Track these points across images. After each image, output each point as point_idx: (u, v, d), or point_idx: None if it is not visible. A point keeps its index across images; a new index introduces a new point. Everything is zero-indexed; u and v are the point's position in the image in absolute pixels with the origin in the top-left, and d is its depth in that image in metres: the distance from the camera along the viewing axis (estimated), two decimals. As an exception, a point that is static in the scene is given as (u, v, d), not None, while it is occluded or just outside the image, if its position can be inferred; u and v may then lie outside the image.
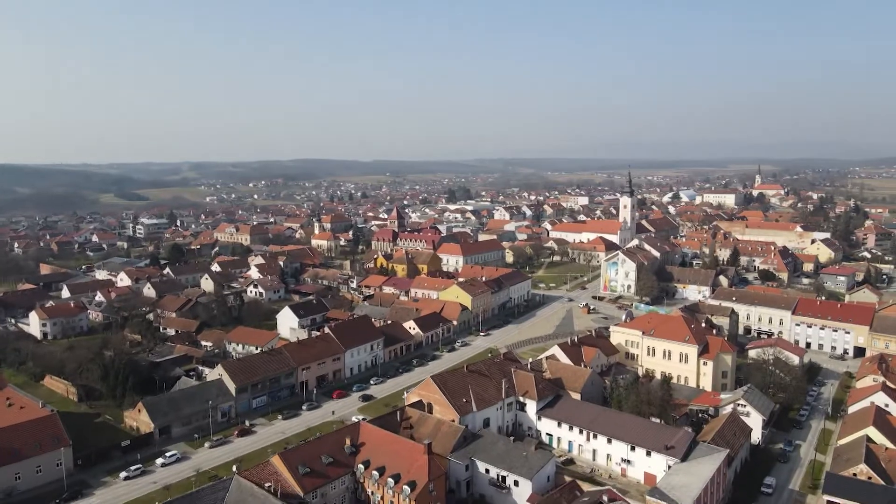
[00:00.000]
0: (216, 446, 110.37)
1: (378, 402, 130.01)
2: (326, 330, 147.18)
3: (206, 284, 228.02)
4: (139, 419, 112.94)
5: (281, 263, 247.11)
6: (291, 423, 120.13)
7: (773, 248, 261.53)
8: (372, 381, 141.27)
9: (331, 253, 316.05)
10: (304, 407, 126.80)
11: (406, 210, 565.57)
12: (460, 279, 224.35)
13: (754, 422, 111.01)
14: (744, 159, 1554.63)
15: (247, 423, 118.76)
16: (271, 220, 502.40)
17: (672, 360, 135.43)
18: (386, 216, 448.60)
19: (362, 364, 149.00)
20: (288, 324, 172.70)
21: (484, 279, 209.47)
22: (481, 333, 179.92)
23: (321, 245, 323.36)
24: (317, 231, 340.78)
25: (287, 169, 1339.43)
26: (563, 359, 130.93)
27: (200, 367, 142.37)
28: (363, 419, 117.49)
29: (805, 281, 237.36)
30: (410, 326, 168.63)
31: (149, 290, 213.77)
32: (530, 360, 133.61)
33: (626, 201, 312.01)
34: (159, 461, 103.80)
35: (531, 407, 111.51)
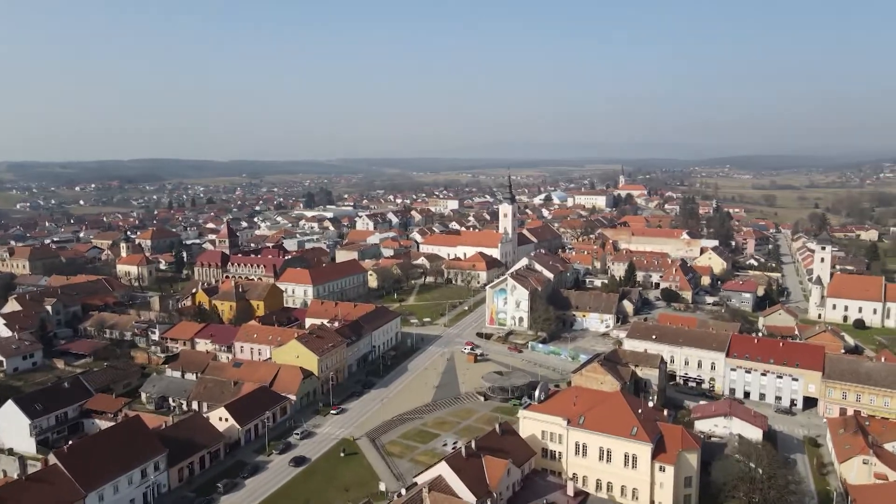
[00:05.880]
0: None
1: None
2: (52, 459, 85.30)
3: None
4: None
5: (49, 308, 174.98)
6: None
7: (669, 260, 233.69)
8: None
9: (141, 282, 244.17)
10: None
11: (255, 219, 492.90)
12: (307, 321, 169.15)
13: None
14: (598, 159, 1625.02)
15: None
16: (81, 234, 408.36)
17: (613, 463, 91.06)
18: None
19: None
20: (15, 430, 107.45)
21: (338, 323, 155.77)
22: (332, 411, 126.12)
23: (130, 272, 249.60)
24: (124, 252, 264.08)
25: (128, 170, 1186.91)
26: (457, 485, 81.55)
27: None
28: None
29: (709, 300, 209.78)
30: (220, 417, 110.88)
31: None
32: (402, 493, 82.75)
33: (506, 209, 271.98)
34: None
35: None
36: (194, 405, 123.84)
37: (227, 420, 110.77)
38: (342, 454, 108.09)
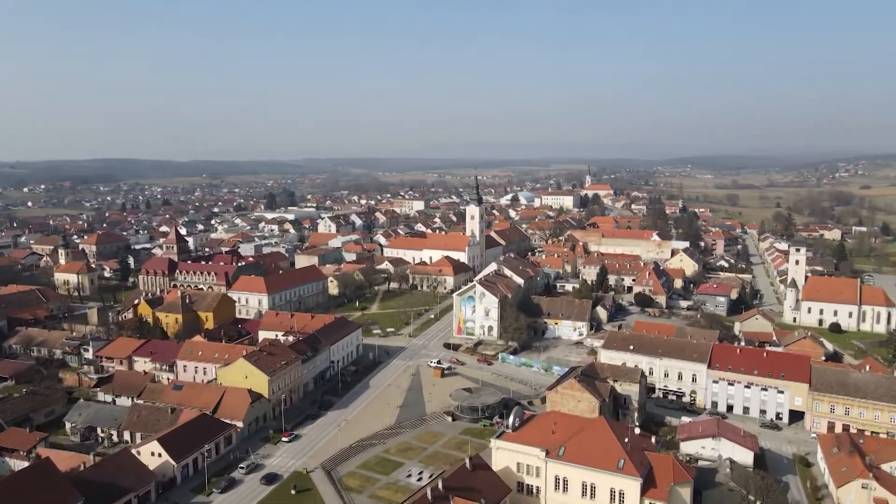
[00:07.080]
0: None
1: None
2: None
3: None
4: None
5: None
6: None
7: (641, 263, 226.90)
8: None
9: (82, 292, 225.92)
10: None
11: (213, 221, 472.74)
12: (260, 334, 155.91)
13: None
14: (563, 159, 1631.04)
15: None
16: (21, 238, 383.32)
17: (597, 499, 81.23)
18: (184, 231, 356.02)
19: (30, 568, 75.71)
20: None
21: (292, 338, 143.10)
22: (284, 438, 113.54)
23: (69, 281, 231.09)
24: (63, 259, 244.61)
25: (83, 170, 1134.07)
26: (421, 535, 70.60)
27: None
28: None
29: (683, 304, 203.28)
30: (153, 452, 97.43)
31: None
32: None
33: (473, 211, 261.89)
34: None
35: None
36: (126, 436, 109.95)
37: (160, 455, 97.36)
38: (293, 491, 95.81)
